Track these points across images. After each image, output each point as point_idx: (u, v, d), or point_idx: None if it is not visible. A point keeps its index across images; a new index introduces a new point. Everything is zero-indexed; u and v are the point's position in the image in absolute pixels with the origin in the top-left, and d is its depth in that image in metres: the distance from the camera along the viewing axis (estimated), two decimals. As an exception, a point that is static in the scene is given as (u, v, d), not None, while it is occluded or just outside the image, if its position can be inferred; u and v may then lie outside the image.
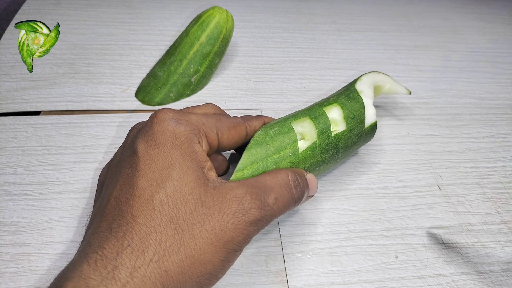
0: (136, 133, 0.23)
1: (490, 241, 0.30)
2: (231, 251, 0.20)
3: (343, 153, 0.29)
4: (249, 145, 0.25)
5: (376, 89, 0.33)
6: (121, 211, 0.19)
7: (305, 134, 0.27)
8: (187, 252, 0.19)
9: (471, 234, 0.30)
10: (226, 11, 0.37)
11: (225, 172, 0.28)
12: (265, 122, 0.28)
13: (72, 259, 0.19)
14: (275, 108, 0.38)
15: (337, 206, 0.31)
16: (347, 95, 0.30)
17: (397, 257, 0.28)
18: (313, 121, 0.27)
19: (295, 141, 0.26)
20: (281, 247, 0.28)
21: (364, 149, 0.36)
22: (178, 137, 0.21)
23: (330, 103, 0.29)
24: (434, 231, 0.30)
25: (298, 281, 0.26)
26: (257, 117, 0.27)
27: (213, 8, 0.37)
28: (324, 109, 0.28)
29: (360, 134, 0.29)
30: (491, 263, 0.28)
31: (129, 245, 0.18)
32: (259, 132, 0.26)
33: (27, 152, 0.32)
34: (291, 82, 0.42)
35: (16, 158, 0.31)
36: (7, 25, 0.43)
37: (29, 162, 0.31)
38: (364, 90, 0.31)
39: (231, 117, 0.25)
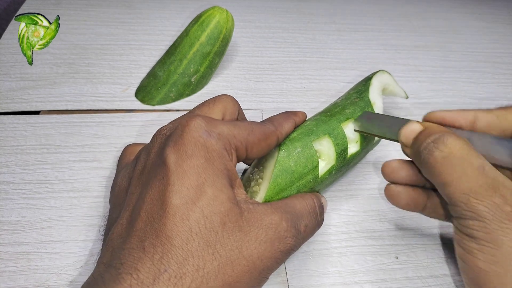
0: (165, 140, 0.21)
1: (490, 241, 0.30)
2: (263, 279, 0.20)
3: (350, 170, 0.30)
4: (275, 171, 0.24)
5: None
6: (154, 229, 0.18)
7: (323, 153, 0.27)
8: (225, 279, 0.18)
9: (472, 234, 0.30)
10: (226, 11, 0.37)
11: None
12: (297, 124, 0.26)
13: (97, 271, 0.18)
14: (275, 108, 0.38)
15: (337, 207, 0.31)
16: (363, 108, 0.29)
17: (397, 258, 0.28)
18: (332, 140, 0.26)
19: (317, 166, 0.25)
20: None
21: (364, 149, 0.36)
22: (210, 152, 0.20)
23: (348, 118, 0.28)
24: (434, 231, 0.30)
25: (298, 282, 0.26)
26: (287, 117, 0.26)
27: (213, 8, 0.37)
28: (342, 125, 0.27)
29: (367, 150, 0.30)
30: (491, 263, 0.28)
31: (166, 270, 0.17)
32: (282, 153, 0.24)
33: (26, 151, 0.32)
34: (291, 82, 0.42)
35: (15, 157, 0.31)
36: (7, 25, 0.43)
37: (28, 161, 0.31)
38: (376, 101, 0.30)
39: (262, 125, 0.24)
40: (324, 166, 0.26)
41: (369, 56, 0.46)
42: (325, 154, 0.26)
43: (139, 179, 0.21)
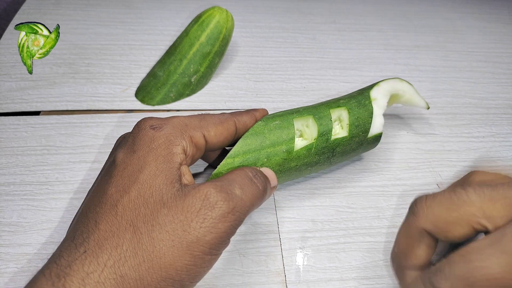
0: (118, 143, 0.24)
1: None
2: (198, 254, 0.19)
3: (339, 158, 0.29)
4: (246, 133, 0.25)
5: (393, 97, 0.32)
6: (87, 217, 0.19)
7: (305, 133, 0.27)
8: (145, 255, 0.18)
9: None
10: (226, 11, 0.37)
11: None
12: (257, 118, 0.27)
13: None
14: (275, 108, 0.38)
15: (335, 203, 0.31)
16: (359, 100, 0.29)
17: (397, 257, 0.28)
18: (316, 121, 0.27)
19: (292, 138, 0.26)
20: (279, 243, 0.28)
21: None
22: (155, 141, 0.21)
23: (339, 106, 0.28)
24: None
25: (296, 277, 0.26)
26: (248, 112, 0.27)
27: (213, 8, 0.37)
28: (331, 110, 0.28)
29: (361, 142, 0.29)
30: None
31: (85, 251, 0.17)
32: (260, 122, 0.26)
33: (26, 152, 0.32)
34: (291, 82, 0.42)
35: (16, 158, 0.31)
36: (7, 25, 0.43)
37: (28, 162, 0.31)
38: (378, 98, 0.30)
39: (217, 114, 0.25)
40: (303, 143, 0.26)
41: (370, 56, 0.46)
42: (307, 133, 0.27)
43: (97, 181, 0.23)
